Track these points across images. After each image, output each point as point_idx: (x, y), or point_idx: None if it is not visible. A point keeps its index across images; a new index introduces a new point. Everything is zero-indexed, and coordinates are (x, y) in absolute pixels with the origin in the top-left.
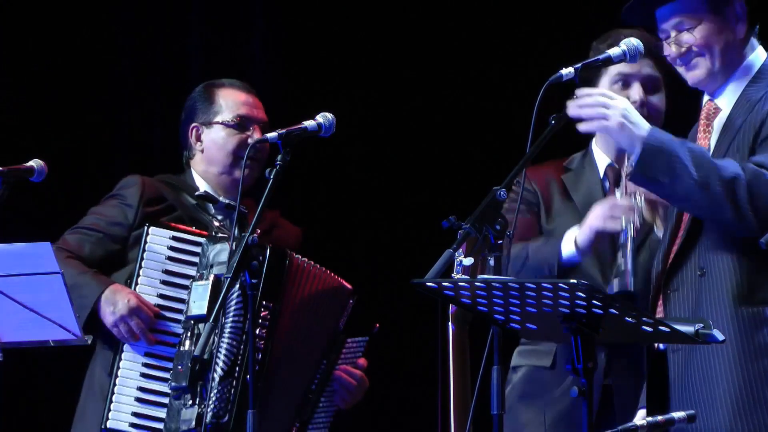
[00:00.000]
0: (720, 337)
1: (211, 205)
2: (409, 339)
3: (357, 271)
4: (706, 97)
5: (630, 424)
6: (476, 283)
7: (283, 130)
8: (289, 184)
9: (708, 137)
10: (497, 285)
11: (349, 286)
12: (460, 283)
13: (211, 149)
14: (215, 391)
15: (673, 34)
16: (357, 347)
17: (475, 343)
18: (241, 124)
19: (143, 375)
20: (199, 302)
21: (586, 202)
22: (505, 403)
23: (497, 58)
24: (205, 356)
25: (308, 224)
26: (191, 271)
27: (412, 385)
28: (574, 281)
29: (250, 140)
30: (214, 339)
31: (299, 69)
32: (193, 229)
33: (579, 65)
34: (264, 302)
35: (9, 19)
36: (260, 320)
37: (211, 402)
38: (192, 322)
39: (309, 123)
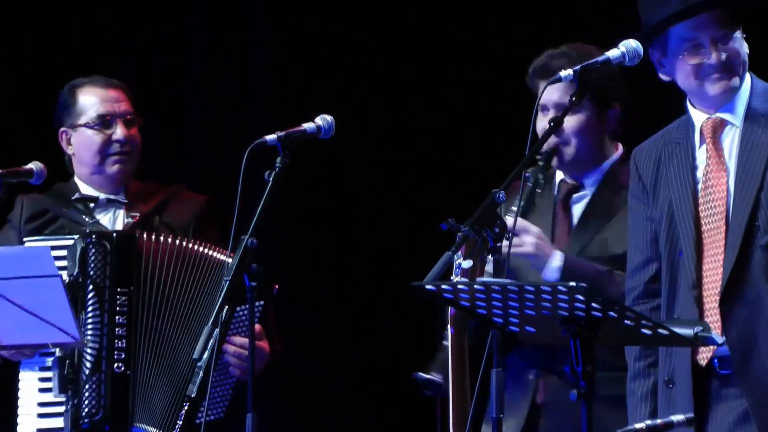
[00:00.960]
0: (719, 339)
1: (93, 204)
2: (408, 341)
3: (356, 273)
4: (702, 114)
5: (629, 427)
6: (475, 286)
7: (282, 133)
8: (288, 185)
9: (721, 154)
10: (496, 288)
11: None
12: (459, 286)
13: (80, 152)
14: (85, 389)
15: (711, 44)
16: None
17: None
18: (103, 122)
19: (41, 390)
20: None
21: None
22: (504, 407)
23: (497, 59)
24: (75, 359)
25: (307, 227)
26: (66, 276)
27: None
28: (573, 284)
29: (114, 136)
30: None
31: (299, 69)
32: (66, 232)
33: (578, 67)
34: (118, 289)
35: (8, 20)
36: (117, 308)
37: (83, 402)
38: None
39: (308, 125)
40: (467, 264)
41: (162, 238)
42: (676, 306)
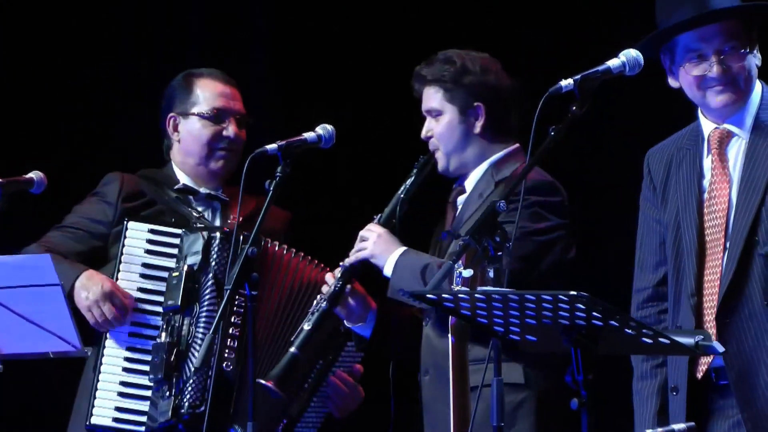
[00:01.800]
0: (720, 348)
1: (191, 197)
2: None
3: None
4: (711, 124)
5: None
6: (476, 295)
7: (283, 142)
8: (290, 192)
9: (726, 165)
10: (497, 297)
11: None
12: (459, 295)
13: (187, 140)
14: (191, 381)
15: (714, 56)
16: (356, 352)
17: None
18: (217, 116)
19: (125, 369)
20: (173, 293)
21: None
22: (504, 416)
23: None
24: (182, 347)
25: (307, 235)
26: (171, 263)
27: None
28: (574, 293)
29: (225, 132)
30: (190, 330)
31: (299, 74)
32: (173, 221)
33: (578, 77)
34: (239, 289)
35: (7, 21)
36: (234, 307)
37: (187, 392)
38: (171, 313)
39: (309, 134)
40: (468, 273)
41: (284, 249)
42: (679, 313)
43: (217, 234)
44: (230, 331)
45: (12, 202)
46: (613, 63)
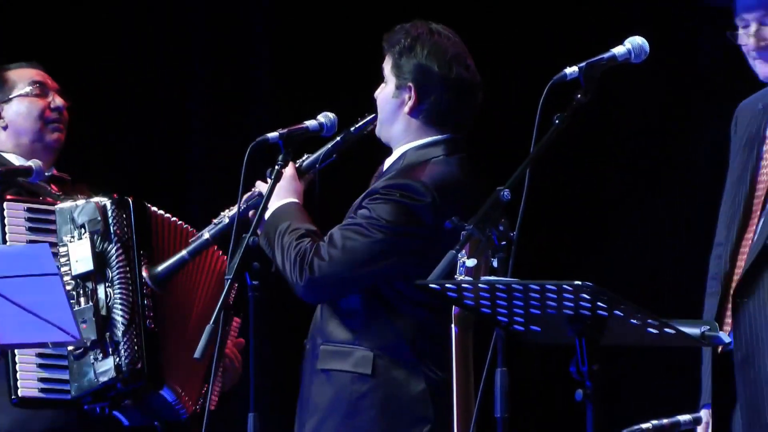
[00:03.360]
0: (726, 339)
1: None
2: None
3: None
4: None
5: (635, 426)
6: (479, 285)
7: (285, 130)
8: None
9: None
10: (501, 287)
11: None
12: (463, 285)
13: (16, 121)
14: (123, 340)
15: (754, 26)
16: (236, 327)
17: (478, 346)
18: (40, 91)
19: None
20: (82, 260)
21: None
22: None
23: (500, 57)
24: (102, 311)
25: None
26: (52, 238)
27: None
28: (579, 283)
29: (52, 104)
30: (107, 293)
31: (302, 64)
32: (41, 198)
33: (583, 64)
34: (141, 252)
35: (5, 20)
36: (142, 269)
37: (122, 351)
38: (80, 280)
39: (310, 123)
40: (471, 263)
41: (163, 212)
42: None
43: (108, 201)
44: (144, 291)
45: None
46: (618, 50)
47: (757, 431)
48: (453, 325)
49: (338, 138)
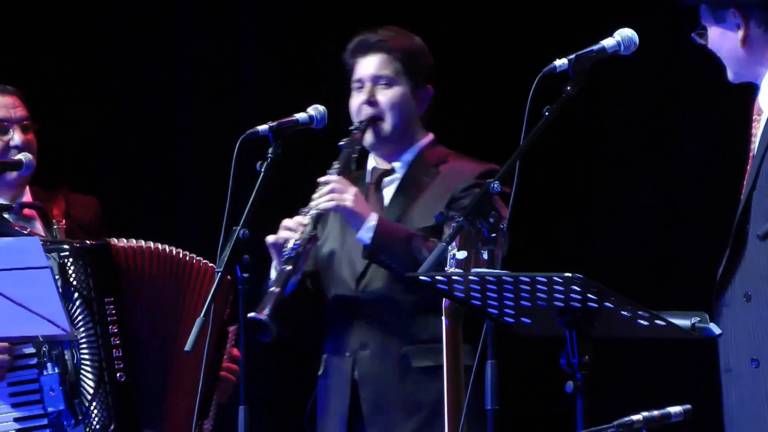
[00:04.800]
0: (716, 331)
1: (6, 214)
2: None
3: None
4: None
5: (626, 418)
6: (470, 277)
7: (274, 123)
8: (279, 176)
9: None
10: (491, 279)
11: (211, 265)
12: (453, 277)
13: None
14: (94, 404)
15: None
16: (233, 336)
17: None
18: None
19: (15, 405)
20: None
21: None
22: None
23: (489, 49)
24: (71, 377)
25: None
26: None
27: None
28: (569, 275)
29: (12, 143)
30: (74, 354)
31: (291, 57)
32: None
33: (572, 56)
34: (105, 299)
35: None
36: (108, 318)
37: (93, 415)
38: (45, 347)
39: (300, 115)
40: (462, 255)
41: (135, 242)
42: None
43: (67, 250)
44: (111, 342)
45: None
46: (607, 42)
47: None
48: (443, 317)
49: (351, 147)
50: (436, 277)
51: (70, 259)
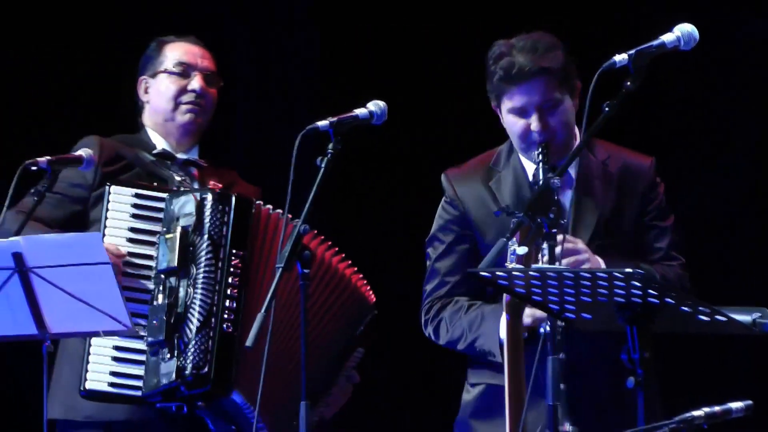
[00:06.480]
0: None
1: (169, 162)
2: None
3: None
4: None
5: (687, 414)
6: (530, 273)
7: (335, 118)
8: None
9: None
10: (552, 274)
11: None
12: (514, 273)
13: (155, 99)
14: (193, 342)
15: None
16: (357, 357)
17: None
18: (182, 71)
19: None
20: (168, 255)
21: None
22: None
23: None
24: (179, 309)
25: (359, 212)
26: (157, 228)
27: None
28: (630, 270)
29: (190, 86)
30: (188, 291)
31: (349, 53)
32: (155, 185)
33: (632, 51)
34: (233, 251)
35: (8, 18)
36: (231, 269)
37: (189, 353)
38: (163, 276)
39: (360, 111)
40: (522, 250)
41: (275, 211)
42: None
43: (209, 195)
44: (228, 292)
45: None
46: (667, 38)
47: None
48: (504, 313)
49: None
50: (497, 273)
51: (210, 202)
